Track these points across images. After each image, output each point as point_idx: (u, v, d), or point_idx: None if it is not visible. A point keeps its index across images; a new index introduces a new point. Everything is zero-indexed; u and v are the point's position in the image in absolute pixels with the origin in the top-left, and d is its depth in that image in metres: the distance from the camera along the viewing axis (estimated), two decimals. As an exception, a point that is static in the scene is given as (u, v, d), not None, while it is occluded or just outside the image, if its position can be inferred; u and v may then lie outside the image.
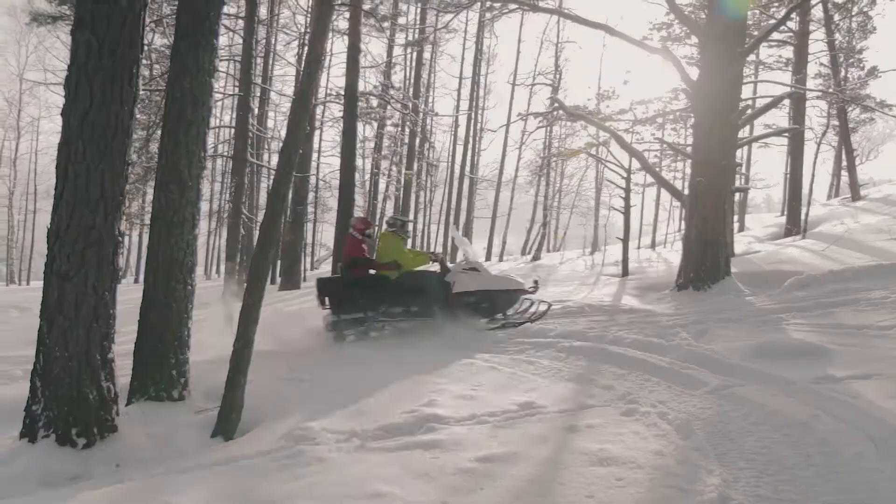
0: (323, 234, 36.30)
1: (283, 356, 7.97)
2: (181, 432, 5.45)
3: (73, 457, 4.89)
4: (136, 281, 32.26)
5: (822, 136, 21.23)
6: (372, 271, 9.43)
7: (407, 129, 29.42)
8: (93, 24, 4.90)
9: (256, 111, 22.22)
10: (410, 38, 28.48)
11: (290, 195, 20.74)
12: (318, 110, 25.60)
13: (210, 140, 7.55)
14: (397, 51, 30.36)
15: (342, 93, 17.33)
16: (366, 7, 20.11)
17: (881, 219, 16.48)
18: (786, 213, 22.43)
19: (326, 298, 9.30)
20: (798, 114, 20.39)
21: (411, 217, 31.03)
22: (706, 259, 10.85)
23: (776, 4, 19.02)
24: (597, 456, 4.03)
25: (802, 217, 18.55)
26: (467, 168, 33.96)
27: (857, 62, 26.25)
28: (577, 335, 7.80)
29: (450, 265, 9.89)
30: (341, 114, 18.15)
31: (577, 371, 6.36)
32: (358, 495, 3.68)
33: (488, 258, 32.92)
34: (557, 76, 31.59)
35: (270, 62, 26.27)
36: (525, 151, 35.83)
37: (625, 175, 18.15)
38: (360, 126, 26.14)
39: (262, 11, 21.42)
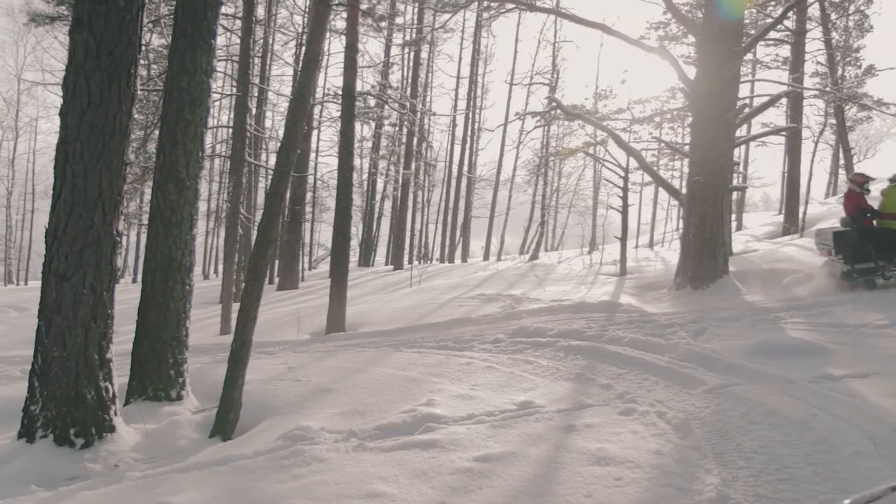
0: (321, 233, 36.30)
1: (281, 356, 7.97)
2: (179, 432, 5.45)
3: (71, 457, 4.89)
4: (134, 281, 32.24)
5: (820, 134, 21.26)
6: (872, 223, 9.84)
7: (405, 129, 29.40)
8: (91, 24, 4.90)
9: (254, 111, 22.19)
10: (408, 37, 28.48)
11: (288, 195, 20.76)
12: (316, 110, 25.60)
13: (208, 140, 7.55)
14: (395, 50, 30.40)
15: (340, 92, 17.31)
16: (363, 7, 20.10)
17: (879, 217, 16.49)
18: (783, 211, 22.43)
19: (838, 250, 9.63)
20: (795, 112, 20.41)
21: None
22: (704, 258, 10.86)
23: (773, 3, 19.04)
24: (595, 455, 4.03)
25: (800, 216, 18.57)
26: (465, 167, 33.98)
27: (854, 60, 26.29)
28: (575, 334, 7.81)
29: None
30: (339, 114, 18.16)
31: (576, 370, 6.37)
32: (356, 495, 3.69)
33: (486, 257, 32.93)
34: (555, 75, 31.58)
35: (268, 62, 26.27)
36: (523, 151, 35.91)
37: (623, 174, 18.16)
38: (357, 126, 26.19)
39: (260, 11, 21.39)
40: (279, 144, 6.06)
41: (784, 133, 21.25)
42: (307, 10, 22.87)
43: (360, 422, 4.98)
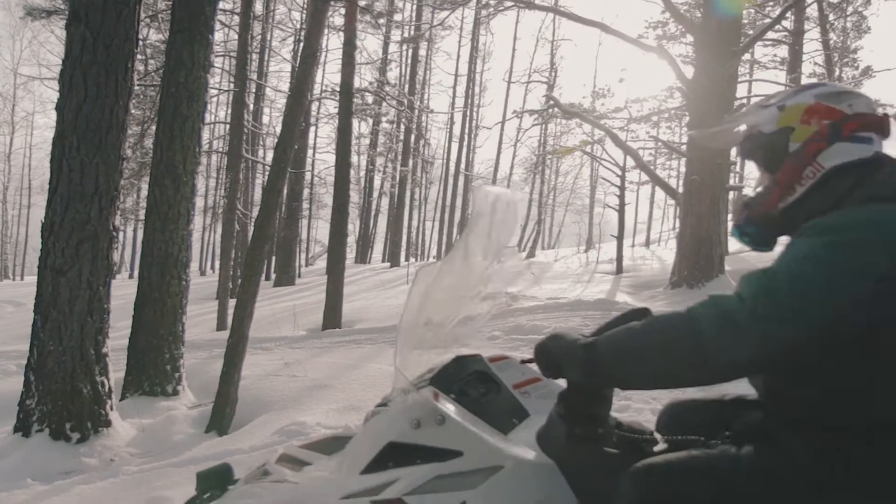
0: (318, 230, 36.34)
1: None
2: (175, 427, 5.45)
3: (67, 451, 4.89)
4: (130, 276, 32.19)
5: (817, 135, 21.22)
6: None
7: (402, 126, 29.40)
8: (87, 17, 4.89)
9: (252, 107, 22.19)
10: (406, 34, 28.48)
11: (285, 191, 20.75)
12: (314, 107, 25.59)
13: (205, 136, 7.55)
14: (393, 47, 30.38)
15: (337, 89, 17.32)
16: (362, 3, 20.09)
17: (874, 218, 16.51)
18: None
19: None
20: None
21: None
22: (700, 257, 10.90)
23: (771, 3, 19.06)
24: (590, 452, 4.04)
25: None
26: (462, 165, 34.00)
27: (852, 62, 26.33)
28: (572, 332, 7.80)
29: None
30: (336, 110, 18.15)
31: (571, 368, 6.36)
32: (352, 490, 3.69)
33: (483, 255, 32.92)
34: (553, 74, 31.61)
35: (266, 58, 26.24)
36: (520, 149, 36.02)
37: (619, 173, 18.21)
38: (355, 123, 26.16)
39: (258, 7, 21.36)
40: (276, 140, 6.06)
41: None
42: (305, 6, 22.85)
43: (355, 417, 4.99)
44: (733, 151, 20.25)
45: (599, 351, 1.49)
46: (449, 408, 1.69)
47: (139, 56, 7.86)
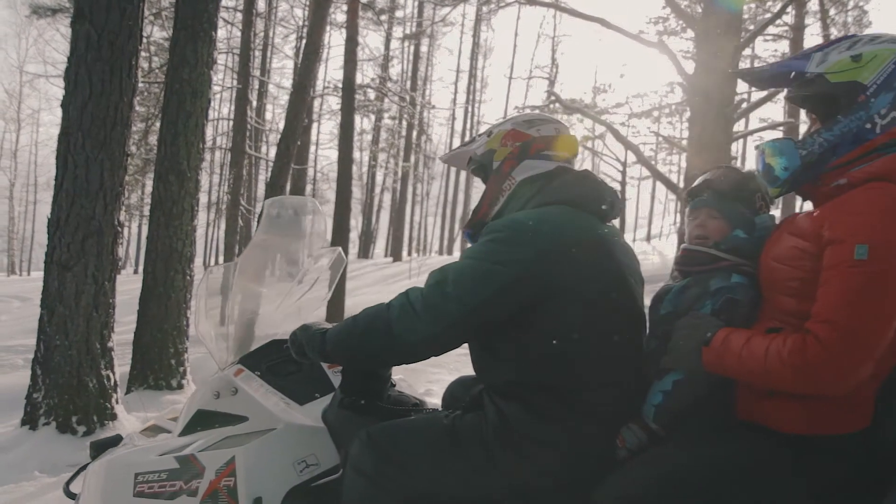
0: (320, 226, 36.28)
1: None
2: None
3: (74, 444, 4.94)
4: (135, 272, 32.26)
5: (818, 130, 21.19)
6: None
7: (404, 122, 29.38)
8: (92, 15, 4.94)
9: (255, 104, 22.20)
10: (408, 31, 28.48)
11: (288, 187, 20.78)
12: (316, 103, 25.59)
13: (209, 132, 7.61)
14: (395, 44, 30.38)
15: (340, 85, 17.36)
16: (363, 0, 20.12)
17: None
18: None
19: None
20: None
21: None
22: (701, 252, 10.91)
23: (773, -2, 19.03)
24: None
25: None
26: (465, 161, 33.94)
27: (854, 56, 26.20)
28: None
29: None
30: (339, 106, 18.18)
31: (571, 361, 6.40)
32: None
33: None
34: (554, 70, 31.59)
35: (269, 55, 26.27)
36: (522, 144, 35.82)
37: (620, 168, 18.22)
38: (357, 119, 26.15)
39: (261, 4, 21.40)
40: (279, 137, 6.12)
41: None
42: (308, 3, 22.86)
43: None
44: (735, 146, 20.22)
45: (328, 338, 1.80)
46: (244, 382, 2.06)
47: (143, 53, 7.90)
